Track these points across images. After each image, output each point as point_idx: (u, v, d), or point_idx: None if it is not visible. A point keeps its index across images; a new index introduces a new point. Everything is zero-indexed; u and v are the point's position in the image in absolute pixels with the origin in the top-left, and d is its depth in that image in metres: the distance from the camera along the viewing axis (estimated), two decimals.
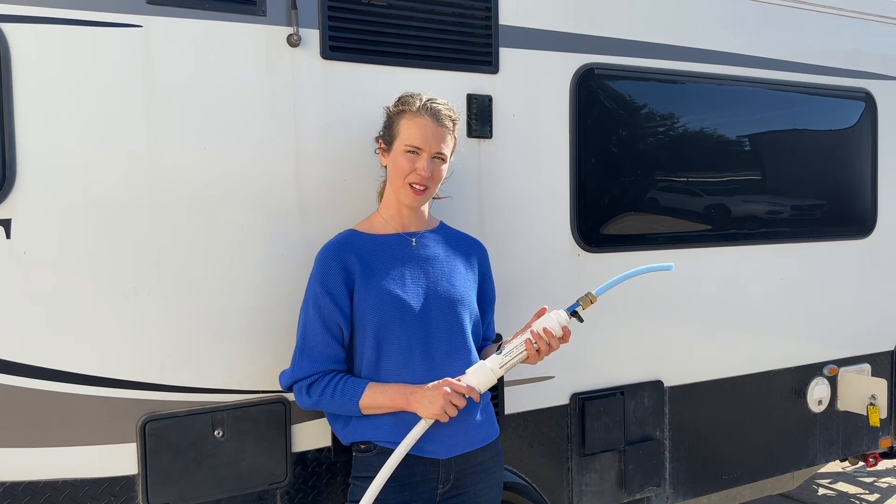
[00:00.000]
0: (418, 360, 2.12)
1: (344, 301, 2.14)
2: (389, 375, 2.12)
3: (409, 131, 2.14)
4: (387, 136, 2.21)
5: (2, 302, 2.01)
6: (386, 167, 2.23)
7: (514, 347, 2.08)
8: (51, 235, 2.05)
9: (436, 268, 2.22)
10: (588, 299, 2.06)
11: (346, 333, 2.16)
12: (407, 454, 2.02)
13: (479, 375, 2.07)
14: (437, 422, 2.04)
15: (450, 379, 2.06)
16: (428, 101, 2.16)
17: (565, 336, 2.08)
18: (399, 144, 2.15)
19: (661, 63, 3.05)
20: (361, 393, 2.09)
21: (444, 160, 2.17)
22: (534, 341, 2.05)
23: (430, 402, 2.03)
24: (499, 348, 2.10)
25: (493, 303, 2.41)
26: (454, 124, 2.19)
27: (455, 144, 2.24)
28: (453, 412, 2.03)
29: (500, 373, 2.08)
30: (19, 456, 2.05)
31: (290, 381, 2.17)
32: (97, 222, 2.10)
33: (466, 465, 2.18)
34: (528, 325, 2.11)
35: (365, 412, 2.10)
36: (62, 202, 2.06)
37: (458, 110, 2.25)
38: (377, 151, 2.26)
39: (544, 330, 2.05)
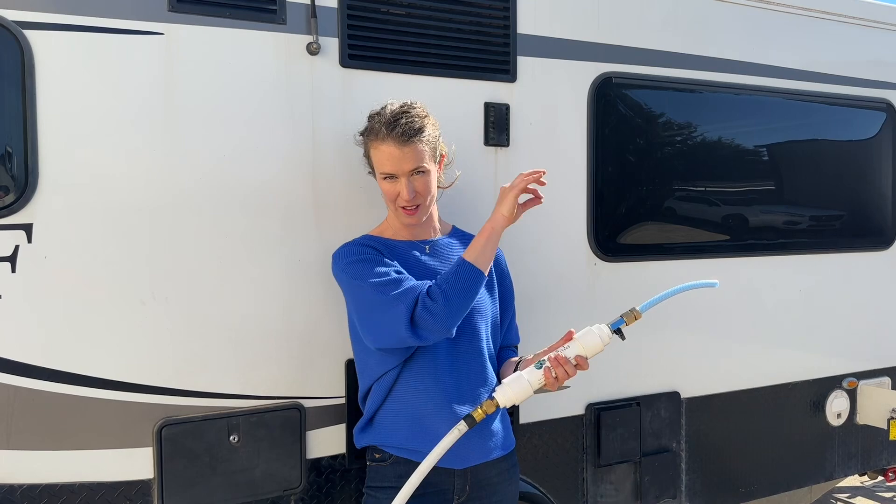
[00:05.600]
0: (443, 366, 2.11)
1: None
2: (416, 377, 2.10)
3: (378, 159, 2.12)
4: (368, 161, 2.21)
5: (22, 305, 2.03)
6: None
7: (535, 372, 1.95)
8: (71, 240, 2.07)
9: None
10: (632, 315, 1.93)
11: None
12: None
13: (516, 387, 1.93)
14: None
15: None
16: (386, 123, 2.07)
17: (581, 364, 1.94)
18: (377, 171, 2.15)
19: (679, 72, 3.03)
20: (461, 257, 2.06)
21: (424, 172, 2.11)
22: (552, 368, 1.92)
23: None
24: (515, 368, 2.00)
25: (513, 303, 2.36)
26: (420, 132, 2.08)
27: (434, 143, 2.14)
28: None
29: (536, 386, 1.94)
30: (37, 459, 2.07)
31: (405, 319, 1.97)
32: (117, 228, 2.12)
33: (482, 476, 2.16)
34: (554, 347, 1.98)
35: (480, 264, 2.04)
36: (83, 208, 2.08)
37: (424, 108, 2.14)
38: (370, 173, 2.25)
39: (576, 357, 1.93)
